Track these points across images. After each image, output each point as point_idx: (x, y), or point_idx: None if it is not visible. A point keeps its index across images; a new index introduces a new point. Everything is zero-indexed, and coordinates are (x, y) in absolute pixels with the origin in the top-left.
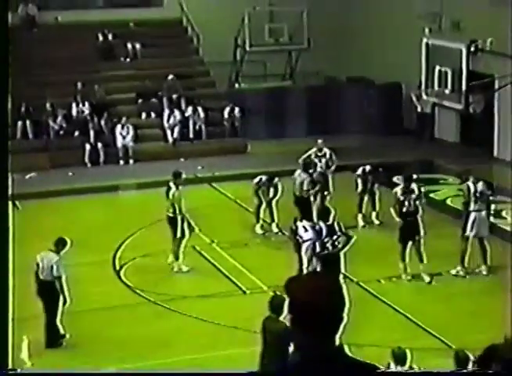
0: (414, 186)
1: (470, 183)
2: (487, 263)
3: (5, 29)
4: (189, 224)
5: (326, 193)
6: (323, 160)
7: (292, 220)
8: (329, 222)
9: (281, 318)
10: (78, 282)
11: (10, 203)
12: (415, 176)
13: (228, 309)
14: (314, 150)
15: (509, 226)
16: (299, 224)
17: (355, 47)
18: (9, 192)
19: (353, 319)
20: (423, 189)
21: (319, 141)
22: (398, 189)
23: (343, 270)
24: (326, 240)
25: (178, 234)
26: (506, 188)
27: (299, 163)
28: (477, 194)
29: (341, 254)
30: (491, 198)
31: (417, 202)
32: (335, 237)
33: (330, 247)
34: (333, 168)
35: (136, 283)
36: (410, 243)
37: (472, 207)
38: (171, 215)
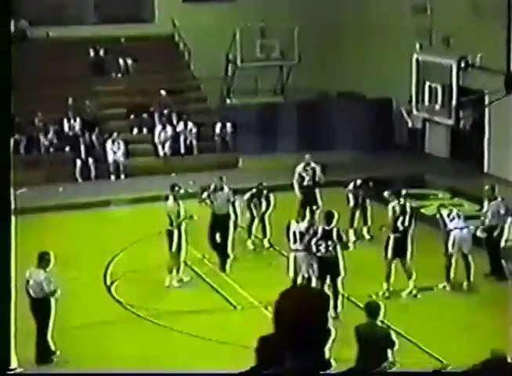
0: (406, 202)
1: (394, 204)
2: (469, 279)
3: (7, 45)
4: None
5: (314, 207)
6: (311, 174)
7: (282, 234)
8: (329, 226)
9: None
10: (68, 298)
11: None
12: (404, 191)
13: (219, 325)
14: (302, 164)
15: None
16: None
17: (345, 62)
18: (12, 206)
19: (343, 334)
20: (414, 205)
21: (307, 156)
22: (391, 206)
23: (342, 274)
24: (319, 242)
25: (174, 248)
26: None
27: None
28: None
29: (340, 259)
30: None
31: (406, 219)
32: (330, 243)
33: (323, 251)
34: (321, 181)
35: (127, 299)
36: (396, 260)
37: (452, 225)
38: (169, 227)
